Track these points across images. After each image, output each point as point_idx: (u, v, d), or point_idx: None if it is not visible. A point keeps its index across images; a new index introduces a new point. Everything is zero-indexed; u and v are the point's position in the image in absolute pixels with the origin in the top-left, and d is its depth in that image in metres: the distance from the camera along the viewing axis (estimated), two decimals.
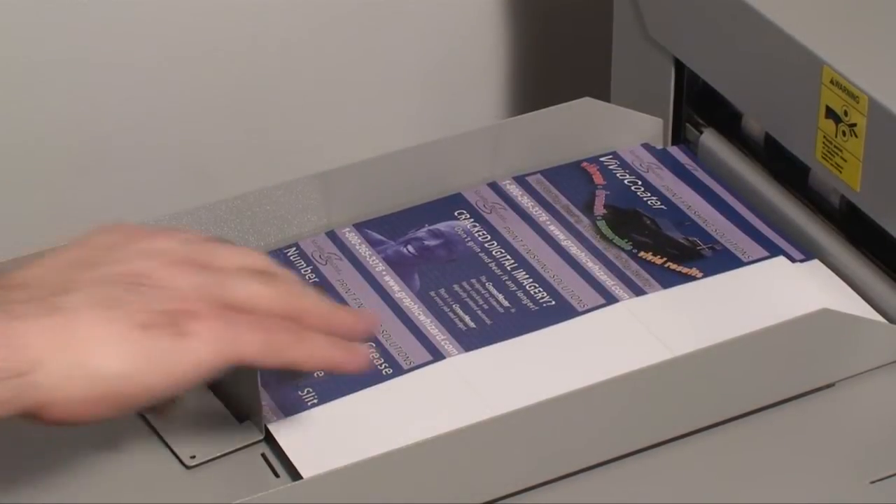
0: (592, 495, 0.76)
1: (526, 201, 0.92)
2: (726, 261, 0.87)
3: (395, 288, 0.87)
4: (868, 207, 0.82)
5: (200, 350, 0.70)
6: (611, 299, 0.84)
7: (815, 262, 0.87)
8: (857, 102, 0.80)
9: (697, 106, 0.95)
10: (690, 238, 0.88)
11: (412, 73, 1.18)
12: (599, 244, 0.88)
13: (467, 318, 0.84)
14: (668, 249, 0.88)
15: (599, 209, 0.91)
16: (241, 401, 0.80)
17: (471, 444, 0.76)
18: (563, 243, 0.89)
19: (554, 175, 0.93)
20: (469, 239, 0.89)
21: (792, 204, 0.90)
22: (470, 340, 0.83)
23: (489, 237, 0.89)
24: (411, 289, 0.87)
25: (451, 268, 0.88)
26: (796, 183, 0.89)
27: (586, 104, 0.95)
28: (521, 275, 0.87)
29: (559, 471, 0.77)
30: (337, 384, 0.80)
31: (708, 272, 0.86)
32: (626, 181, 0.93)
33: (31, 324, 0.67)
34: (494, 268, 0.87)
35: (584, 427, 0.76)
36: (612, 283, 0.86)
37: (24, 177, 1.09)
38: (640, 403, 0.77)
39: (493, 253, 0.89)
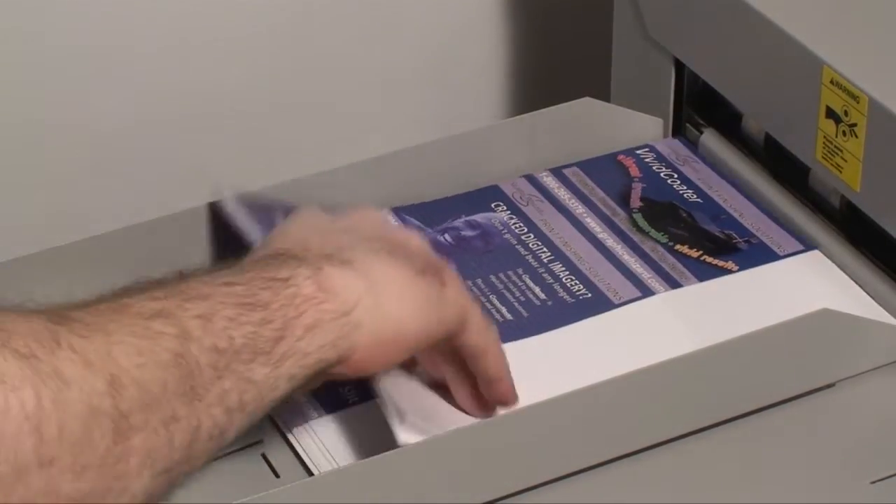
0: (594, 494, 0.76)
1: (562, 193, 0.92)
2: (762, 254, 0.87)
3: None
4: (868, 207, 0.82)
5: (458, 300, 0.75)
6: (647, 292, 0.85)
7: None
8: (858, 102, 0.80)
9: (697, 106, 0.96)
10: (726, 231, 0.89)
11: (413, 73, 1.18)
12: (635, 237, 0.89)
13: (504, 310, 0.84)
14: (705, 242, 0.88)
15: (636, 202, 0.91)
16: None
17: (471, 445, 0.75)
18: (600, 236, 0.89)
19: (590, 167, 0.94)
20: (505, 231, 0.90)
21: (792, 204, 0.90)
22: (506, 332, 0.82)
23: (525, 229, 0.90)
24: None
25: (487, 259, 0.88)
26: (796, 183, 0.89)
27: (586, 104, 0.96)
28: (557, 267, 0.87)
29: (561, 470, 0.77)
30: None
31: (743, 265, 0.86)
32: (662, 174, 0.93)
33: (336, 273, 0.71)
34: (531, 260, 0.88)
35: (585, 427, 0.77)
36: (649, 275, 0.86)
37: (25, 176, 1.09)
38: (642, 403, 0.77)
39: (530, 245, 0.89)
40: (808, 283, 0.86)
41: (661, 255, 0.88)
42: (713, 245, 0.88)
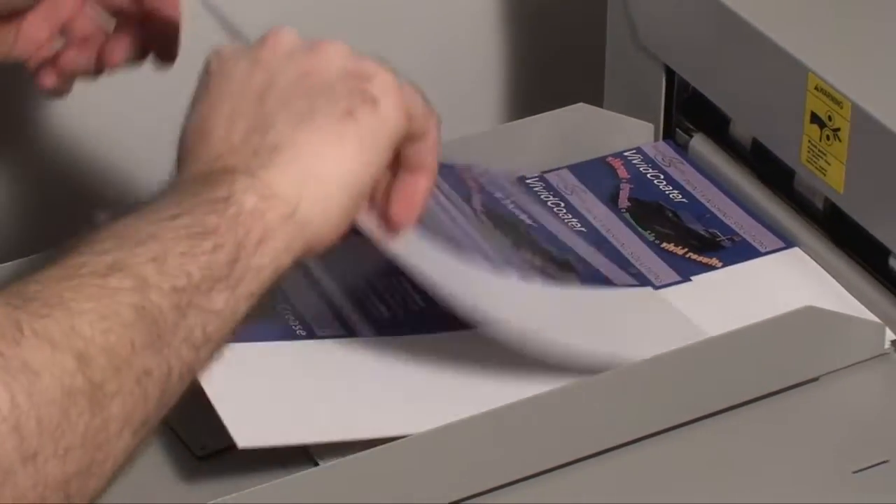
0: (582, 487, 0.76)
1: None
2: (745, 251, 0.87)
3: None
4: (851, 209, 0.83)
5: (395, 111, 0.72)
6: (636, 282, 0.85)
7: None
8: (841, 108, 0.80)
9: (687, 111, 0.95)
10: (710, 230, 0.89)
11: (412, 79, 1.17)
12: (623, 233, 0.89)
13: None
14: (690, 240, 0.88)
15: (624, 202, 0.91)
16: None
17: (448, 443, 0.75)
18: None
19: (579, 169, 0.94)
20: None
21: (777, 205, 0.90)
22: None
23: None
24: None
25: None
26: (782, 185, 0.89)
27: (580, 109, 0.96)
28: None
29: (551, 463, 0.77)
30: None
31: (727, 262, 0.86)
32: (649, 175, 0.93)
33: (270, 175, 0.69)
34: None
35: (575, 420, 0.76)
36: (636, 267, 0.87)
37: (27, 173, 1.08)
38: (630, 397, 0.77)
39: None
40: (790, 280, 0.86)
41: (647, 252, 0.88)
42: (698, 243, 0.88)
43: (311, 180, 0.69)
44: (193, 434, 0.79)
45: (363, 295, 0.83)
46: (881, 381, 0.81)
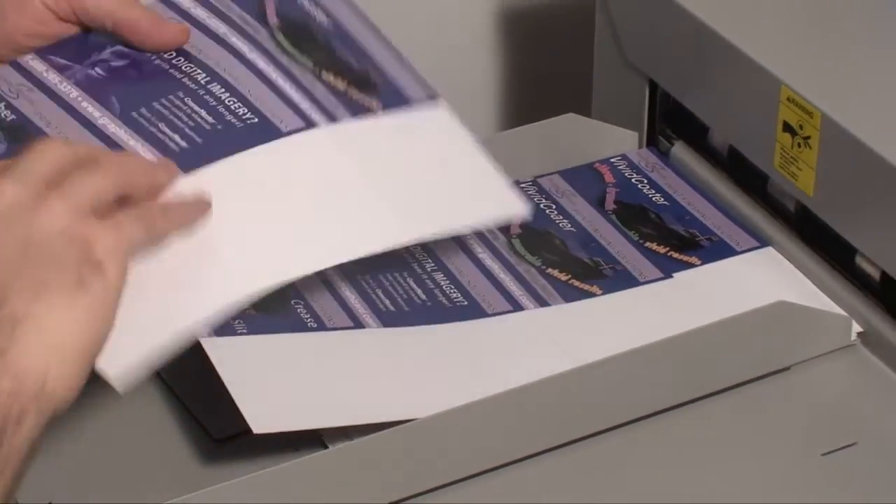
0: (570, 468, 0.77)
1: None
2: (722, 250, 0.87)
3: (96, 114, 0.78)
4: (821, 211, 0.83)
5: (119, 273, 0.70)
6: (625, 282, 0.86)
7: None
8: (811, 118, 0.80)
9: (669, 121, 0.96)
10: (690, 230, 0.89)
11: None
12: (611, 234, 0.89)
13: (177, 137, 0.77)
14: (671, 240, 0.88)
15: (610, 204, 0.91)
16: None
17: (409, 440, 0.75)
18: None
19: (569, 175, 0.94)
20: (156, 57, 0.80)
21: (752, 207, 0.90)
22: (187, 161, 0.75)
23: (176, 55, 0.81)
24: (112, 112, 0.79)
25: (147, 87, 0.79)
26: (756, 189, 0.89)
27: (570, 119, 0.96)
28: (223, 94, 0.79)
29: (541, 446, 0.77)
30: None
31: (705, 260, 0.87)
32: (633, 180, 0.93)
33: (17, 351, 0.67)
34: (188, 82, 0.80)
35: (561, 406, 0.77)
36: (625, 264, 0.87)
37: None
38: (612, 386, 0.78)
39: (183, 68, 0.80)
40: (763, 277, 0.86)
41: (633, 251, 0.88)
42: (679, 242, 0.88)
43: (54, 351, 0.68)
44: (212, 419, 0.80)
45: (369, 290, 0.83)
46: (848, 370, 0.81)
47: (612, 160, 0.95)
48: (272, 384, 0.76)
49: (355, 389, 0.77)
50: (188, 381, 0.83)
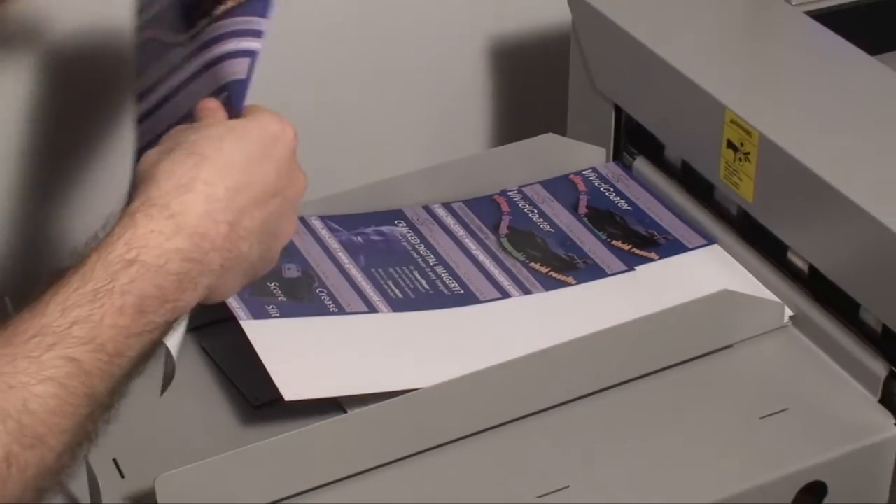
0: (543, 429, 0.77)
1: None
2: (676, 247, 0.88)
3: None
4: (758, 215, 0.84)
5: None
6: (595, 274, 0.86)
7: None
8: (751, 137, 0.81)
9: (631, 139, 0.96)
10: (650, 231, 0.89)
11: (417, 115, 1.14)
12: (586, 233, 0.89)
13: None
14: (634, 239, 0.88)
15: (583, 209, 0.91)
16: None
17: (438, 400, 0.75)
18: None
19: (549, 184, 0.94)
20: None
21: (700, 211, 0.90)
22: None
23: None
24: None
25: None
26: (705, 196, 0.90)
27: (549, 138, 0.97)
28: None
29: (522, 411, 0.77)
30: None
31: (662, 255, 0.87)
32: (602, 189, 0.93)
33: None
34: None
35: (543, 377, 0.77)
36: (595, 259, 0.87)
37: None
38: (585, 359, 0.78)
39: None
40: (710, 270, 0.86)
41: (602, 248, 0.88)
42: (640, 241, 0.88)
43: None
44: (250, 388, 0.80)
45: (381, 281, 0.84)
46: (781, 347, 0.82)
47: (584, 172, 0.95)
48: (301, 359, 0.76)
49: (371, 363, 0.77)
50: (231, 357, 0.82)
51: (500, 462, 0.75)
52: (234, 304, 0.79)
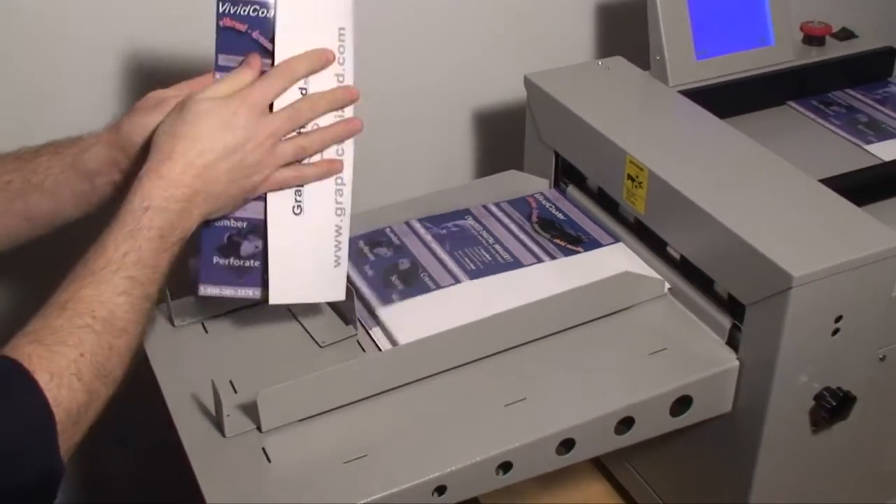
0: (502, 366, 0.76)
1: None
2: (595, 244, 0.88)
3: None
4: (647, 222, 0.85)
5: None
6: (539, 260, 0.86)
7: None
8: (643, 171, 0.82)
9: (566, 173, 0.96)
10: (577, 233, 0.89)
11: (426, 160, 1.13)
12: (535, 235, 0.89)
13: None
14: (568, 238, 0.88)
15: (534, 219, 0.91)
16: (344, 313, 0.80)
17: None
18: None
19: (512, 203, 0.94)
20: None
21: (611, 220, 0.91)
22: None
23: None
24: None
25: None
26: (613, 210, 0.90)
27: (512, 173, 0.98)
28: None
29: (486, 352, 0.77)
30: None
31: (586, 249, 0.87)
32: (546, 206, 0.93)
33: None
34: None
35: (504, 327, 0.76)
36: (540, 252, 0.87)
37: None
38: (536, 316, 0.78)
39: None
40: (616, 258, 0.86)
41: (547, 243, 0.88)
42: (571, 240, 0.89)
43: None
44: (317, 332, 0.79)
45: (460, 258, 0.83)
46: (662, 309, 0.82)
47: (535, 195, 0.96)
48: (417, 324, 0.76)
49: (459, 312, 0.77)
50: (308, 312, 0.80)
51: (476, 385, 0.75)
52: (367, 294, 0.80)
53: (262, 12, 0.69)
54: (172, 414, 0.72)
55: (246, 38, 0.70)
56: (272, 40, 0.70)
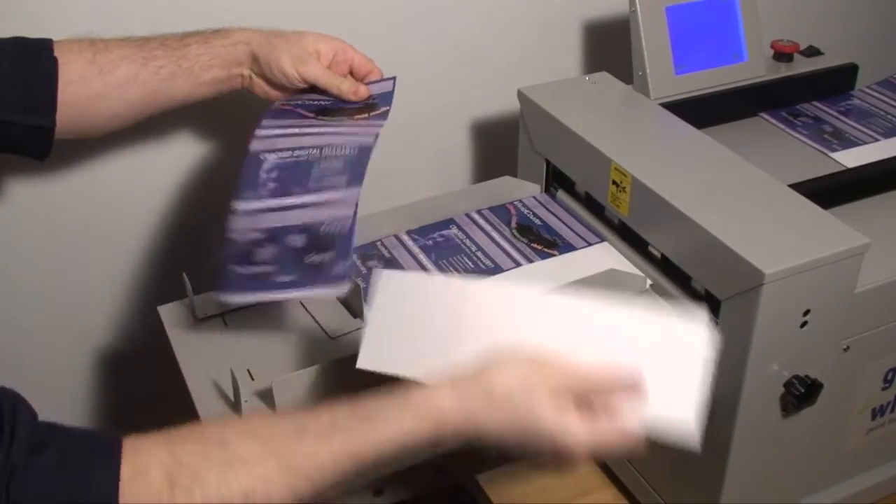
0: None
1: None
2: (580, 242, 0.87)
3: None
4: (631, 224, 0.84)
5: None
6: (518, 263, 0.85)
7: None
8: (626, 177, 0.82)
9: (556, 179, 0.95)
10: (553, 238, 0.89)
11: (428, 165, 1.13)
12: (514, 240, 0.88)
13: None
14: (545, 242, 0.88)
15: (514, 224, 0.91)
16: (354, 309, 0.81)
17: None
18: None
19: (494, 209, 0.94)
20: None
21: (597, 222, 0.91)
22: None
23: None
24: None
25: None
26: (599, 213, 0.90)
27: (506, 179, 0.96)
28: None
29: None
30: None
31: (561, 252, 0.86)
32: (525, 211, 0.93)
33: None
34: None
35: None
36: (519, 256, 0.86)
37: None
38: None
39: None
40: (602, 257, 0.86)
41: (524, 248, 0.87)
42: (548, 244, 0.88)
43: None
44: (328, 324, 0.80)
45: (444, 266, 0.83)
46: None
47: (516, 202, 0.94)
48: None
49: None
50: (320, 309, 0.81)
51: None
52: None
53: None
54: (195, 399, 0.72)
55: None
56: None
